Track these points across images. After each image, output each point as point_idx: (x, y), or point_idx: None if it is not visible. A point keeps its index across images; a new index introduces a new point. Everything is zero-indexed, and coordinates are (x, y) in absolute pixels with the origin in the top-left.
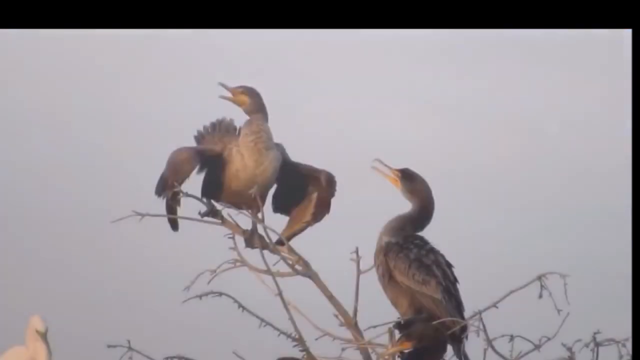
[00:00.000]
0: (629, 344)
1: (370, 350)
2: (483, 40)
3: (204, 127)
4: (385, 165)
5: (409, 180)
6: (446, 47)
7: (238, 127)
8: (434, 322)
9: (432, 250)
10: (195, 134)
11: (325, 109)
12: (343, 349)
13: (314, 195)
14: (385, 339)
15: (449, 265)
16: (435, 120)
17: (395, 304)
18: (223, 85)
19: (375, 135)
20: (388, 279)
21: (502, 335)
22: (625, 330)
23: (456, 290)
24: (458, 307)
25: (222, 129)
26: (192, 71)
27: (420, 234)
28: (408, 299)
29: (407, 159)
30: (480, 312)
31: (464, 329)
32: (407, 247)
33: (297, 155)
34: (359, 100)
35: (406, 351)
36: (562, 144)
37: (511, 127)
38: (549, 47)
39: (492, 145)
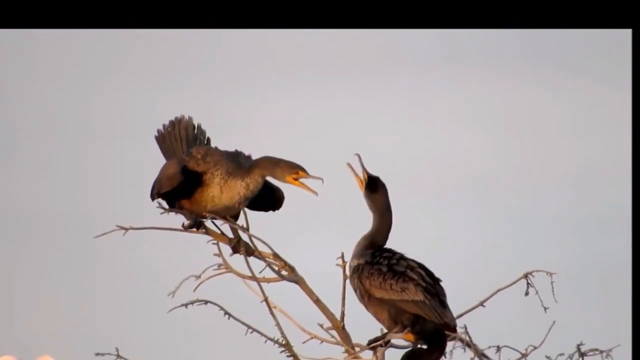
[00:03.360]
0: (614, 354)
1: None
2: (481, 41)
3: (164, 126)
4: (361, 165)
5: (371, 189)
6: (445, 48)
7: (197, 125)
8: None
9: (403, 258)
10: (156, 134)
11: (316, 112)
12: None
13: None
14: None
15: (423, 267)
16: (431, 122)
17: (377, 319)
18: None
19: (367, 138)
20: (367, 298)
21: (489, 347)
22: (614, 336)
23: (438, 289)
24: (442, 304)
25: (181, 127)
26: (186, 73)
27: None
28: (387, 313)
29: (402, 160)
30: (465, 327)
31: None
32: (378, 262)
33: (294, 155)
34: (362, 102)
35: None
36: (560, 143)
37: (507, 128)
38: (548, 47)
39: (488, 146)
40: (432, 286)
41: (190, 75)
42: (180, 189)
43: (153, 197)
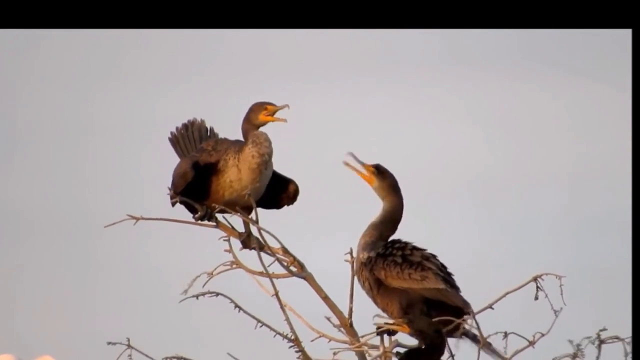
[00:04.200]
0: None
1: (365, 349)
2: (480, 41)
3: (177, 129)
4: (358, 161)
5: (383, 176)
6: (443, 47)
7: (209, 128)
8: (436, 320)
9: (415, 248)
10: (170, 135)
11: (323, 109)
12: (335, 353)
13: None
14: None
15: (435, 258)
16: (435, 123)
17: (386, 311)
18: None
19: (370, 137)
20: (377, 289)
21: (496, 332)
22: (622, 329)
23: (452, 278)
24: (458, 292)
25: (194, 129)
26: (186, 72)
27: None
28: (398, 304)
29: (406, 161)
30: (473, 312)
31: (458, 327)
32: (391, 254)
33: (295, 156)
34: (360, 102)
35: (403, 350)
36: (560, 144)
37: (507, 129)
38: (548, 47)
39: (486, 146)
40: (448, 275)
41: (191, 75)
42: (196, 185)
43: (173, 202)
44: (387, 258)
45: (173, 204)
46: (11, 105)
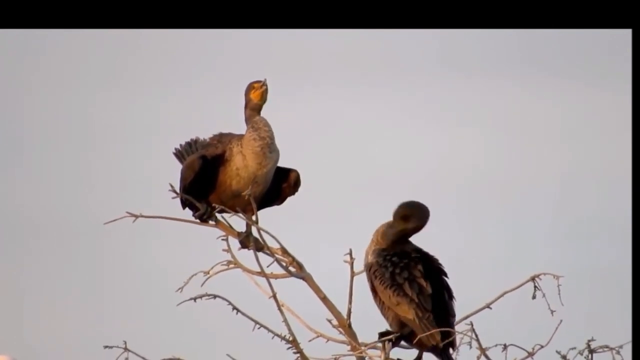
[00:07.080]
0: (623, 351)
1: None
2: (477, 43)
3: (181, 145)
4: None
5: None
6: (440, 49)
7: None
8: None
9: (407, 266)
10: (174, 151)
11: (329, 113)
12: (336, 359)
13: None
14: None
15: (434, 274)
16: (433, 124)
17: (383, 316)
18: None
19: (369, 138)
20: (374, 294)
21: (496, 345)
22: (620, 335)
23: (440, 300)
24: (440, 319)
25: (198, 146)
26: (186, 71)
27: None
28: (393, 313)
29: (405, 163)
30: (472, 324)
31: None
32: (385, 266)
33: (298, 158)
34: (363, 106)
35: None
36: (559, 145)
37: (508, 129)
38: (546, 49)
39: (491, 148)
40: (428, 302)
41: (192, 75)
42: (204, 179)
43: (182, 201)
44: (381, 269)
45: (183, 207)
46: (12, 106)
